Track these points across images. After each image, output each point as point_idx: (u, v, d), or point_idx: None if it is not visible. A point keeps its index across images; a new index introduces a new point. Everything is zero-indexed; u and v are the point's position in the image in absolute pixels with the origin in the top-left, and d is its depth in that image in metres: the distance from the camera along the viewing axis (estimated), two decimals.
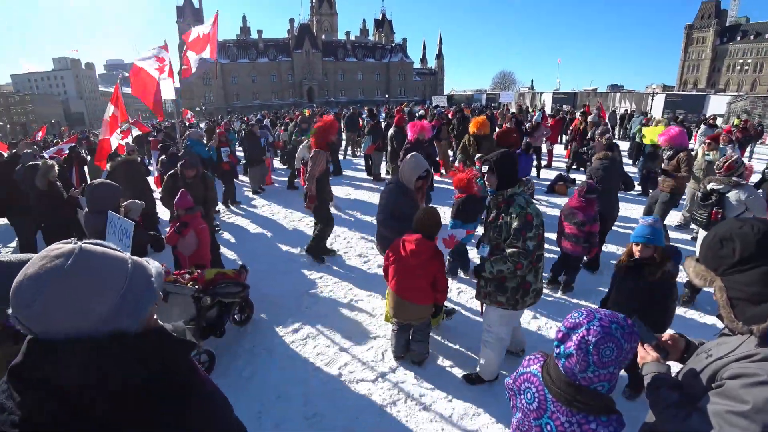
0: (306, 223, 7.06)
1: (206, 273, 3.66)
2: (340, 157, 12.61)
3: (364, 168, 11.08)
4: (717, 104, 24.50)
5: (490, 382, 3.17)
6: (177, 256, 4.23)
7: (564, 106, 28.16)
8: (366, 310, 4.31)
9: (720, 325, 1.32)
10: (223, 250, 5.88)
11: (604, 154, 5.10)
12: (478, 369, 3.20)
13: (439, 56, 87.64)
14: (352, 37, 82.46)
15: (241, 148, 13.10)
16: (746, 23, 69.71)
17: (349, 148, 14.01)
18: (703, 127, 12.43)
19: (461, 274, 4.96)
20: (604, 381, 1.27)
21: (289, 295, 4.62)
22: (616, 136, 16.62)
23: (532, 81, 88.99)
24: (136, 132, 9.77)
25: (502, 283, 2.79)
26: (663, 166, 5.66)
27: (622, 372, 2.68)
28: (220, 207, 7.81)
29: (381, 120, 12.09)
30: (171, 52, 7.54)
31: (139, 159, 7.73)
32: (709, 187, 4.31)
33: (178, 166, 4.94)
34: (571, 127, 12.01)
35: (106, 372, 0.80)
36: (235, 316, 3.96)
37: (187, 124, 21.36)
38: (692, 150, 6.19)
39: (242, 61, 73.74)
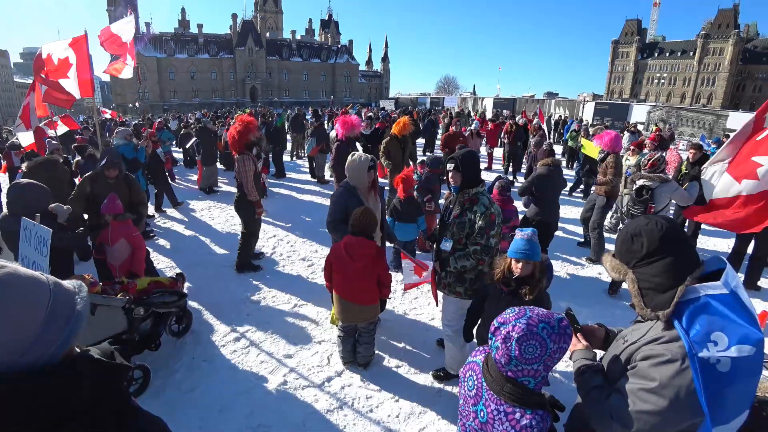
0: None
1: (139, 282, 3.43)
2: (287, 158, 12.34)
3: (308, 170, 10.93)
4: (639, 113, 27.02)
5: (448, 378, 3.26)
6: (101, 261, 3.90)
7: (504, 111, 29.73)
8: (310, 315, 4.25)
9: (634, 314, 1.46)
10: (159, 257, 5.56)
11: (552, 160, 5.13)
12: (446, 365, 3.28)
13: (385, 59, 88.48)
14: (298, 37, 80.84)
15: (180, 149, 12.47)
16: (663, 41, 77.42)
17: (294, 149, 13.77)
18: (627, 134, 13.63)
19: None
20: (528, 376, 1.33)
21: (230, 303, 4.44)
22: (551, 141, 17.74)
23: (474, 86, 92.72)
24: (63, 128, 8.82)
25: (461, 274, 2.91)
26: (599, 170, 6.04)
27: None
28: (152, 212, 7.31)
29: (325, 121, 12.03)
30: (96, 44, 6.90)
31: (64, 159, 7.01)
32: (639, 183, 4.69)
33: (98, 166, 4.45)
34: (503, 130, 12.74)
35: (23, 413, 0.71)
36: (172, 327, 3.73)
37: (117, 121, 19.88)
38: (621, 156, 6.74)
39: (180, 56, 69.56)
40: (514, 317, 1.34)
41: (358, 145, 7.83)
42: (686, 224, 6.02)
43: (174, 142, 12.17)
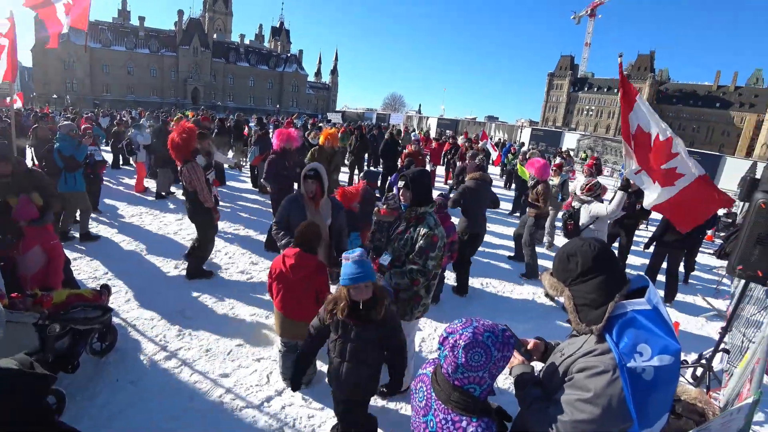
0: (183, 236, 6.45)
1: (55, 295, 3.10)
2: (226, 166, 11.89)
3: (248, 179, 10.60)
4: (570, 140, 29.39)
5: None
6: (8, 270, 3.49)
7: (447, 131, 31.07)
8: (248, 331, 4.07)
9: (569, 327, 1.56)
10: (81, 267, 5.07)
11: (480, 175, 5.39)
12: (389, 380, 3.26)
13: (334, 72, 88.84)
14: (247, 41, 78.83)
15: (110, 149, 11.55)
16: (592, 77, 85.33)
17: (235, 157, 13.29)
18: (558, 159, 14.76)
19: None
20: (474, 383, 1.37)
21: (162, 318, 4.14)
22: (482, 157, 18.74)
23: (420, 105, 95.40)
24: None
25: (396, 293, 2.92)
26: (530, 196, 6.51)
27: None
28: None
29: (270, 130, 11.80)
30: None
31: None
32: (574, 204, 5.16)
33: None
34: (444, 149, 13.31)
35: None
36: (94, 346, 3.39)
37: (39, 113, 18.03)
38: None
39: (117, 48, 64.78)
40: (462, 327, 1.39)
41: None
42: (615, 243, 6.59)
43: (104, 141, 11.31)
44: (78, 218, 6.03)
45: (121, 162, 11.63)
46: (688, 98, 73.90)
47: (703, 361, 3.87)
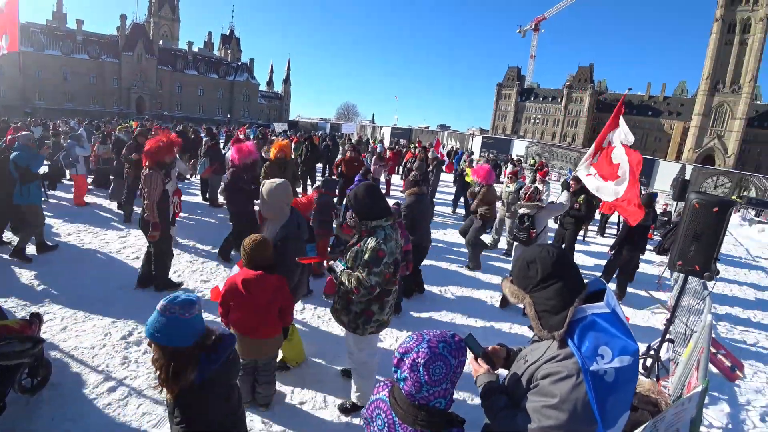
0: (126, 255, 6.01)
1: None
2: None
3: (198, 192, 10.16)
4: (519, 147, 30.84)
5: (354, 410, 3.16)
6: None
7: (401, 140, 31.64)
8: None
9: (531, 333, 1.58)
10: (11, 292, 4.57)
11: (417, 190, 5.49)
12: (352, 397, 3.17)
13: (287, 81, 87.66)
14: (195, 49, 75.99)
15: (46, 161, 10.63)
16: (537, 88, 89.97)
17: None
18: (510, 165, 15.41)
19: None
20: (439, 398, 1.36)
21: (103, 345, 3.81)
22: (443, 169, 19.20)
23: (374, 115, 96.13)
24: None
25: (348, 304, 2.86)
26: (470, 196, 6.99)
27: None
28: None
29: (221, 140, 11.40)
30: None
31: None
32: (521, 212, 5.32)
33: None
34: (405, 159, 13.46)
35: None
36: (23, 383, 3.02)
37: None
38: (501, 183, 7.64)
39: (52, 52, 59.99)
40: (415, 344, 1.37)
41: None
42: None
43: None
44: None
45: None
46: (624, 107, 79.77)
47: (652, 352, 4.10)
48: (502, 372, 1.72)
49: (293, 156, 10.84)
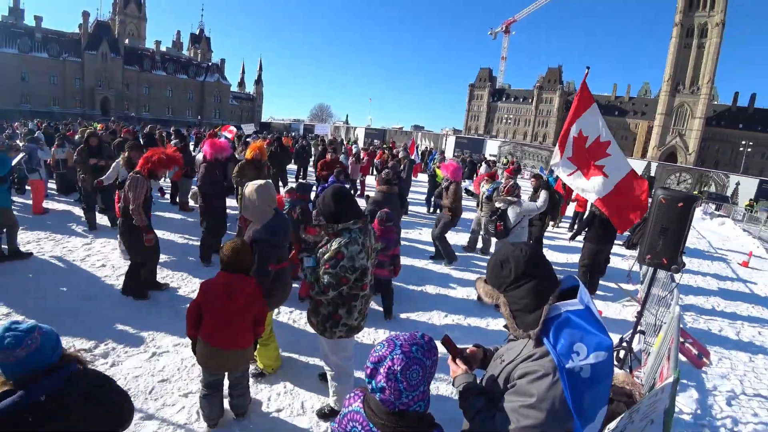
0: (91, 263, 5.70)
1: None
2: None
3: (168, 194, 9.78)
4: (492, 146, 31.46)
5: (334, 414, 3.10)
6: None
7: (375, 141, 31.79)
8: (172, 364, 3.67)
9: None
10: None
11: (387, 188, 5.92)
12: (330, 402, 3.11)
13: (259, 82, 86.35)
14: (163, 48, 73.85)
15: None
16: (509, 89, 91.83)
17: None
18: (484, 165, 15.64)
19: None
20: (419, 401, 1.34)
21: None
22: (390, 171, 19.42)
23: (347, 116, 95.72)
24: None
25: (317, 306, 2.82)
26: (437, 195, 7.04)
27: None
28: None
29: (191, 142, 11.06)
30: None
31: None
32: (496, 205, 5.45)
33: None
34: (377, 159, 13.51)
35: None
36: None
37: None
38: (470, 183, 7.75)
39: (8, 50, 56.78)
40: (388, 351, 1.34)
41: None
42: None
43: None
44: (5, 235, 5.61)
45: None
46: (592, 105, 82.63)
47: (624, 344, 4.21)
48: (480, 371, 1.71)
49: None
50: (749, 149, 59.27)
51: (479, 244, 8.09)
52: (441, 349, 1.56)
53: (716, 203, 24.18)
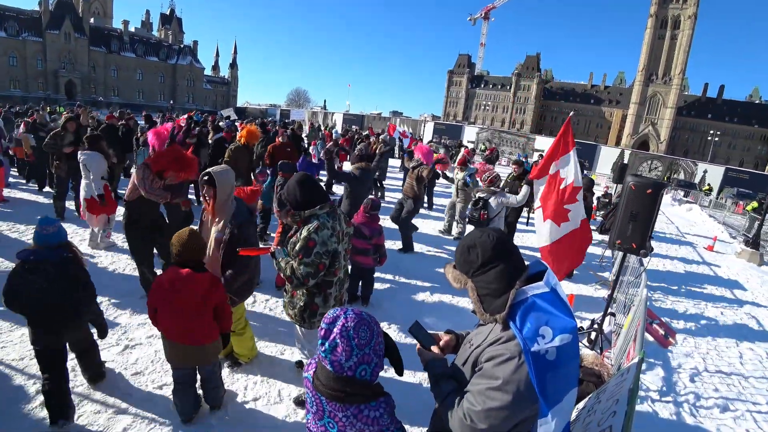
0: None
1: None
2: None
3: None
4: (470, 133, 31.66)
5: None
6: None
7: (353, 126, 31.50)
8: (147, 356, 3.59)
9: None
10: None
11: (363, 164, 5.92)
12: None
13: (234, 66, 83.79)
14: (132, 29, 70.58)
15: None
16: (487, 75, 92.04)
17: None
18: (462, 151, 15.74)
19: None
20: (365, 363, 1.41)
21: (30, 356, 3.39)
22: (396, 155, 19.36)
23: (325, 101, 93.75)
24: None
25: (293, 297, 2.81)
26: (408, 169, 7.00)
27: None
28: None
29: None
30: None
31: None
32: (477, 195, 5.51)
33: None
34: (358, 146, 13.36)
35: None
36: None
37: None
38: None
39: None
40: (342, 312, 1.44)
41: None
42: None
43: None
44: None
45: None
46: (569, 95, 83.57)
47: (596, 326, 4.36)
48: (453, 356, 1.73)
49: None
50: (716, 139, 61.49)
51: (455, 231, 8.16)
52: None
53: (685, 190, 25.10)
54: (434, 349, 1.65)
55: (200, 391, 3.00)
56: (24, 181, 9.07)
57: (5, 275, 2.66)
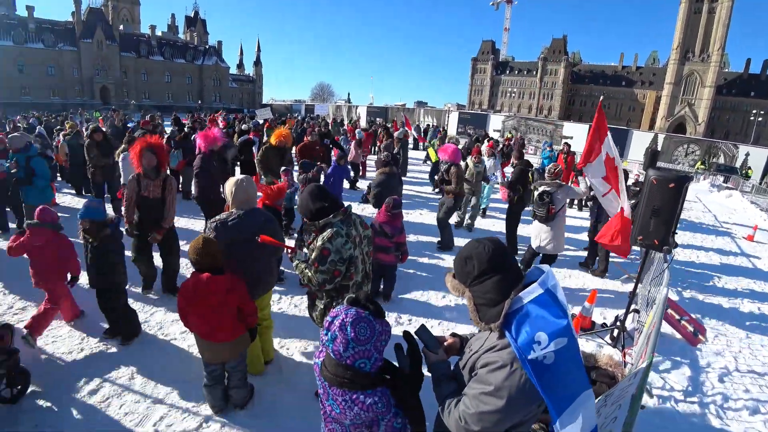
0: None
1: None
2: None
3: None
4: (496, 122, 30.86)
5: None
6: None
7: (377, 119, 31.32)
8: (181, 348, 3.87)
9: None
10: None
11: (388, 170, 6.24)
12: None
13: (258, 63, 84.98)
14: (159, 33, 72.55)
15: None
16: (512, 61, 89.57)
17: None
18: (485, 142, 15.48)
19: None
20: (364, 358, 1.52)
21: (81, 349, 3.81)
22: (420, 148, 19.26)
23: (349, 94, 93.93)
24: None
25: (314, 300, 2.93)
26: (441, 177, 6.96)
27: None
28: None
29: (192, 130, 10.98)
30: None
31: None
32: (540, 189, 5.34)
33: None
34: (378, 142, 13.41)
35: None
36: (2, 393, 3.04)
37: None
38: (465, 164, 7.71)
39: (3, 43, 56.09)
40: (344, 309, 1.56)
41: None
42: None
43: None
44: None
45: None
46: (598, 78, 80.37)
47: (618, 323, 4.31)
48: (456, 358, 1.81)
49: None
50: (760, 118, 57.85)
51: (465, 223, 8.20)
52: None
53: (725, 175, 23.79)
54: (439, 351, 1.73)
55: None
56: (68, 186, 9.66)
57: None
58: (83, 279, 4.02)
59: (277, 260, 5.14)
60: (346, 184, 9.44)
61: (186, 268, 5.44)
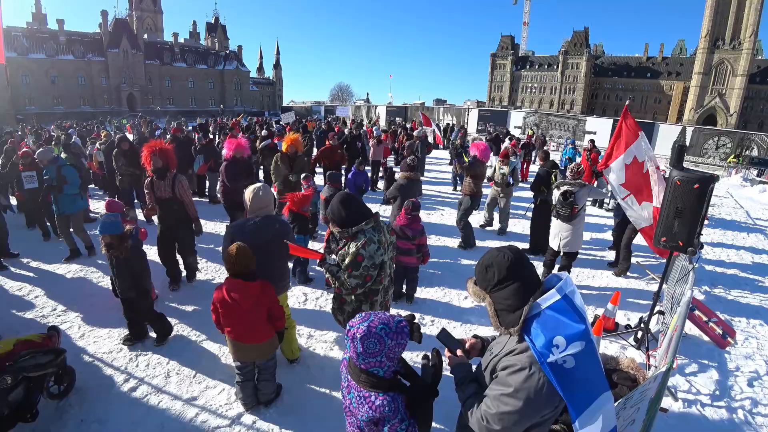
0: None
1: (1, 346, 2.97)
2: None
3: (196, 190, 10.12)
4: (516, 118, 30.37)
5: None
6: None
7: (397, 118, 31.26)
8: (211, 351, 4.07)
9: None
10: (25, 306, 4.80)
11: (411, 174, 6.36)
12: None
13: (277, 66, 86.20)
14: (181, 40, 74.39)
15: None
16: (532, 56, 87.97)
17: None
18: (507, 141, 15.37)
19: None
20: (376, 367, 1.61)
21: (120, 349, 4.05)
22: (441, 146, 19.17)
23: (368, 94, 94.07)
24: None
25: (341, 304, 3.04)
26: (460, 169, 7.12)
27: None
28: None
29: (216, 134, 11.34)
30: None
31: None
32: (563, 189, 5.33)
33: None
34: (398, 142, 13.43)
35: None
36: (51, 390, 3.27)
37: None
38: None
39: (36, 56, 58.75)
40: (359, 321, 1.64)
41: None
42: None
43: None
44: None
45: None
46: (622, 70, 78.08)
47: (642, 324, 4.27)
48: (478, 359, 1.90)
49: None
50: None
51: (496, 226, 8.13)
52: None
53: (759, 168, 22.74)
54: (459, 351, 1.82)
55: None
56: (101, 193, 10.14)
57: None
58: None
59: (303, 261, 5.34)
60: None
61: (205, 263, 5.97)
